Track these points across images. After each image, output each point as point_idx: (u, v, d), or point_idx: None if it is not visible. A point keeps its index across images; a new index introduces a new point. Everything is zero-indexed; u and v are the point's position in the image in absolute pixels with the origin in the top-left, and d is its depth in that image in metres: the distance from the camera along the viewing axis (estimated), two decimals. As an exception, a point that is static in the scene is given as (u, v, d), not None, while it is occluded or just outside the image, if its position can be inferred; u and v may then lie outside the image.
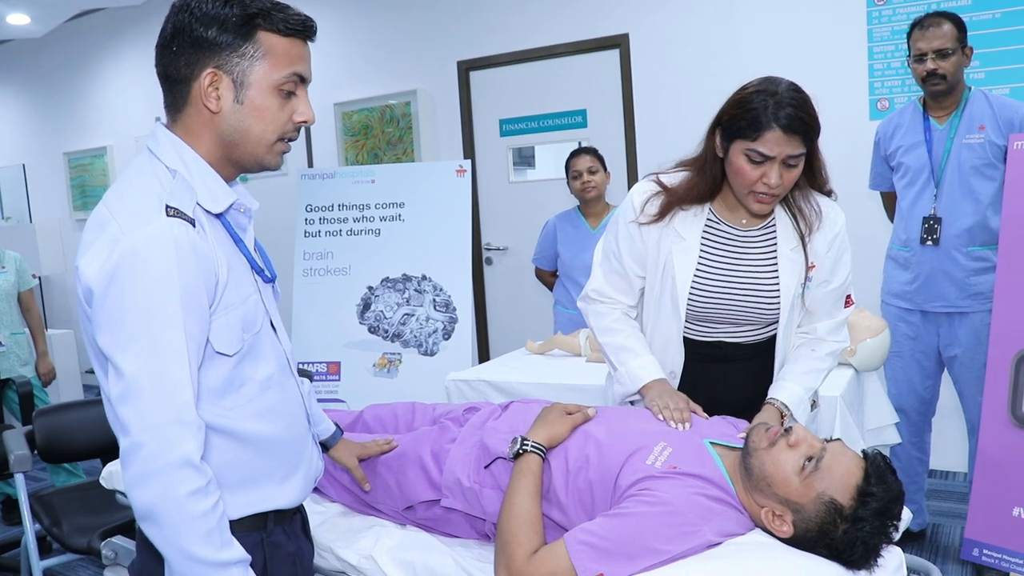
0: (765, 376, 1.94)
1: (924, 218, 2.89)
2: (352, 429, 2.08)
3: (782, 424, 1.75)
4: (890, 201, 3.17)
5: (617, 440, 1.57)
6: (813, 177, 1.81)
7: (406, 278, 4.06)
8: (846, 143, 3.70)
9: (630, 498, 1.43)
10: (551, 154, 5.57)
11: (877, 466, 1.44)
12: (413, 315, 4.03)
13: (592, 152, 3.82)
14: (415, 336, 4.03)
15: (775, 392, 1.84)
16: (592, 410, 1.72)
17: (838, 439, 1.51)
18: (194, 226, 1.18)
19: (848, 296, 1.94)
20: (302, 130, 1.35)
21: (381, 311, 4.06)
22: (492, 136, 5.31)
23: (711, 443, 1.60)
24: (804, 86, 1.74)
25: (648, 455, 1.51)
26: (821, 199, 1.85)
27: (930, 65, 2.80)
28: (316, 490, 1.95)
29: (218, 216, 1.27)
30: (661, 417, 1.68)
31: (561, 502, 1.57)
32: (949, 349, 2.98)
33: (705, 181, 1.81)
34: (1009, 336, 2.30)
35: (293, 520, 1.41)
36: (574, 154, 3.84)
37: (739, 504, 1.50)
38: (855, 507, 1.41)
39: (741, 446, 1.59)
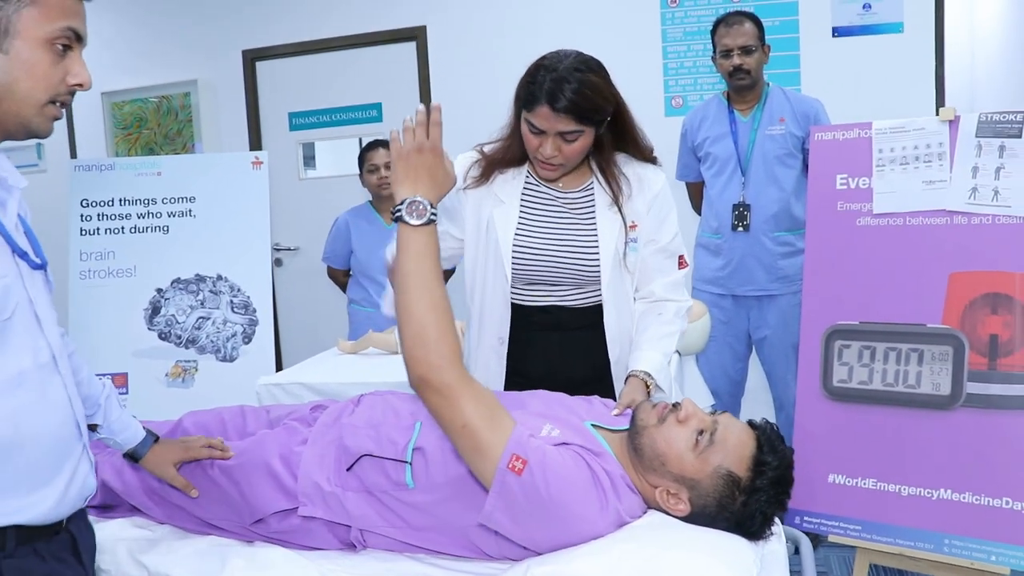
0: (599, 347, 1.92)
1: (734, 205, 3.05)
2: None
3: (649, 395, 1.73)
4: (695, 191, 3.32)
5: None
6: (626, 146, 1.88)
7: (200, 278, 3.71)
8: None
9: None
10: (348, 148, 5.39)
11: (768, 435, 1.45)
12: (209, 318, 3.70)
13: (388, 145, 3.70)
14: (212, 341, 3.70)
15: (635, 363, 1.83)
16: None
17: (725, 412, 1.50)
18: None
19: (681, 257, 1.97)
20: (63, 120, 1.19)
21: (172, 315, 3.69)
22: (281, 130, 5.05)
23: (593, 425, 1.54)
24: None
25: (538, 434, 1.43)
26: (638, 165, 1.91)
27: (736, 60, 2.97)
28: (137, 510, 1.70)
29: None
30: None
31: (440, 487, 1.45)
32: (759, 331, 3.16)
33: (517, 143, 1.86)
34: (819, 315, 2.45)
35: (54, 541, 1.20)
36: (370, 147, 3.71)
37: (632, 486, 1.46)
38: (752, 478, 1.41)
39: (621, 428, 1.55)
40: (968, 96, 4.11)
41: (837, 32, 3.91)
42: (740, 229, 3.06)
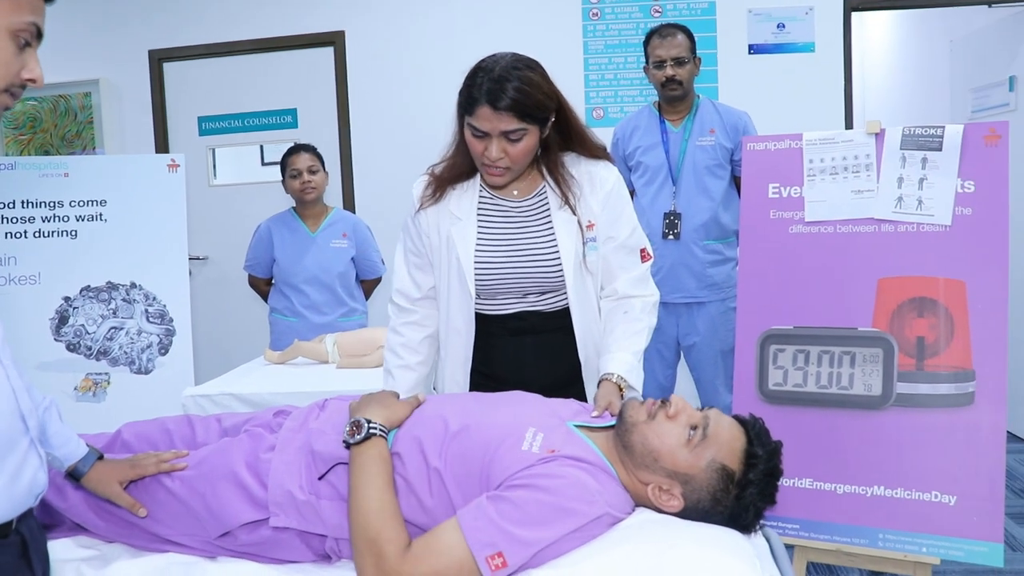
0: (570, 349, 1.92)
1: (665, 214, 3.11)
2: (109, 454, 1.72)
3: (622, 397, 1.74)
4: (625, 200, 3.37)
5: (483, 428, 1.44)
6: (573, 145, 1.89)
7: (112, 286, 3.53)
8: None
9: (513, 488, 1.31)
10: (253, 155, 5.25)
11: (756, 429, 1.47)
12: (122, 328, 3.51)
13: (312, 150, 3.63)
14: (125, 352, 3.51)
15: (606, 366, 1.83)
16: (422, 395, 1.62)
17: (713, 407, 1.52)
18: None
19: (643, 250, 1.98)
20: None
21: (82, 325, 3.49)
22: (190, 135, 4.87)
23: (576, 426, 1.53)
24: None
25: (521, 442, 1.40)
26: (589, 163, 1.91)
27: (669, 72, 3.03)
28: (80, 528, 1.59)
29: None
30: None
31: (420, 498, 1.41)
32: (688, 338, 3.22)
33: (462, 155, 1.86)
34: (753, 320, 2.51)
35: (2, 545, 1.13)
36: (292, 151, 3.62)
37: (621, 484, 1.45)
38: (744, 471, 1.42)
39: (602, 425, 1.54)
40: (872, 111, 4.34)
41: (753, 49, 4.07)
42: (671, 237, 3.12)
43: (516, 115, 1.69)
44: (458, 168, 1.89)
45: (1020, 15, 4.10)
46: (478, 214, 1.89)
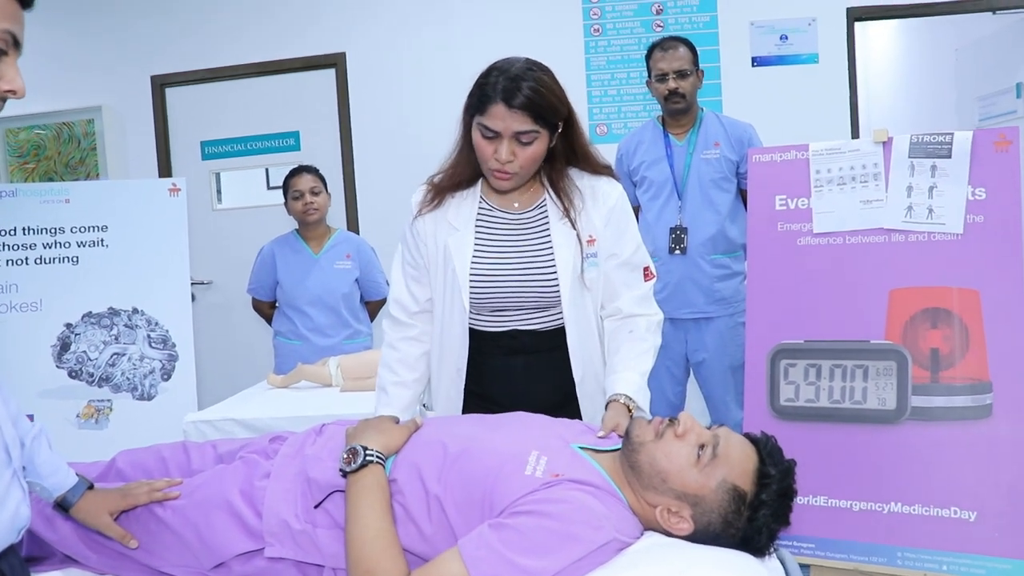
0: (564, 369, 1.87)
1: (671, 228, 3.07)
2: (103, 483, 1.68)
3: (631, 417, 1.69)
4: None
5: (484, 453, 1.39)
6: (578, 160, 1.86)
7: (113, 312, 3.50)
8: (570, 165, 3.85)
9: (516, 514, 1.26)
10: (258, 179, 5.24)
11: (769, 447, 1.42)
12: (124, 354, 3.48)
13: (314, 171, 3.61)
14: (128, 379, 3.48)
15: (613, 387, 1.78)
16: (420, 419, 1.57)
17: (723, 425, 1.46)
18: None
19: (646, 268, 1.93)
20: None
21: (84, 352, 3.46)
22: (193, 159, 4.86)
23: (580, 448, 1.48)
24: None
25: (524, 466, 1.35)
26: (591, 178, 1.88)
27: (672, 84, 3.00)
28: (71, 560, 1.54)
29: None
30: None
31: (419, 526, 1.36)
32: (696, 354, 3.16)
33: (465, 161, 1.83)
34: (763, 334, 2.46)
35: None
36: (294, 173, 3.60)
37: (628, 507, 1.40)
38: (757, 491, 1.36)
39: (609, 448, 1.49)
40: (877, 122, 4.29)
41: (756, 62, 4.04)
42: (677, 252, 3.07)
43: (530, 115, 1.67)
44: (459, 176, 1.86)
45: (1025, 22, 4.07)
46: (476, 225, 1.85)
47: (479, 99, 1.70)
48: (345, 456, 1.41)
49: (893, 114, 5.76)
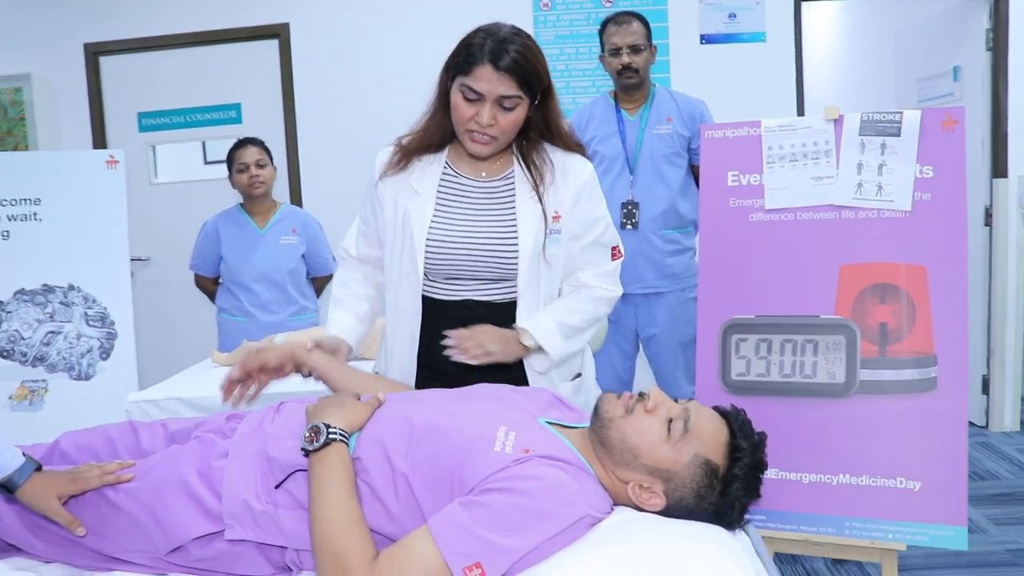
0: None
1: (623, 203, 3.06)
2: (47, 465, 1.62)
3: (527, 350, 1.74)
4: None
5: (451, 429, 1.36)
6: (551, 136, 1.85)
7: (48, 289, 3.36)
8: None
9: (487, 491, 1.24)
10: (195, 151, 5.09)
11: (739, 420, 1.42)
12: (60, 333, 3.35)
13: (259, 144, 3.53)
14: (64, 358, 3.35)
15: (521, 321, 1.79)
16: (383, 395, 1.54)
17: (692, 399, 1.46)
18: None
19: (615, 248, 1.93)
20: None
21: (16, 331, 3.33)
22: (129, 131, 4.70)
23: (548, 423, 1.47)
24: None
25: (493, 442, 1.32)
26: (563, 154, 1.86)
27: (625, 59, 2.99)
28: (14, 548, 1.48)
29: None
30: None
31: (386, 505, 1.33)
32: (647, 329, 3.18)
33: (436, 124, 1.82)
34: (715, 309, 2.48)
35: None
36: (239, 145, 3.51)
37: (599, 482, 1.39)
38: (729, 465, 1.36)
39: (578, 425, 1.48)
40: (821, 100, 4.35)
41: (705, 39, 4.05)
42: (629, 227, 3.07)
43: (516, 79, 1.67)
44: (429, 139, 1.84)
45: (963, 6, 4.16)
46: (438, 191, 1.83)
47: (465, 59, 1.68)
48: (307, 435, 1.37)
49: (835, 94, 5.86)
